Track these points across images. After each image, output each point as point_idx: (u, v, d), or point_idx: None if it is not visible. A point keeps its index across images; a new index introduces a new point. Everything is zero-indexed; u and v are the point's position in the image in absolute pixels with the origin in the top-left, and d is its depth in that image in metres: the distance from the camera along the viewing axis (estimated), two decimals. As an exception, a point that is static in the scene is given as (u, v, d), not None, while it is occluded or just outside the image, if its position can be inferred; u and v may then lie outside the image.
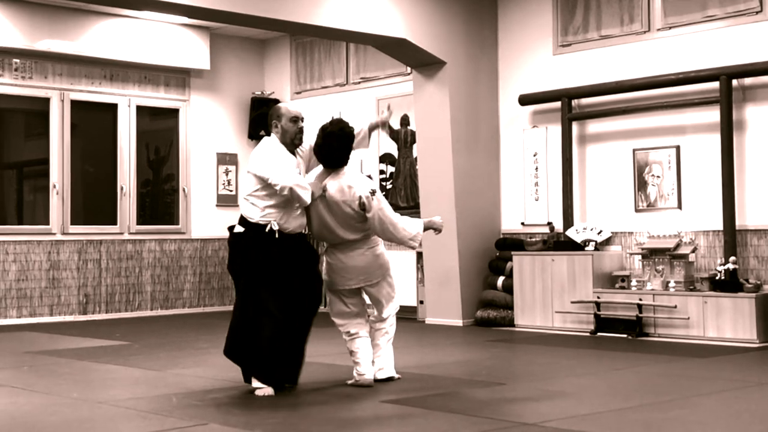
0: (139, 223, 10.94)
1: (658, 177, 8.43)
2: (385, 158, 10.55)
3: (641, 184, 8.53)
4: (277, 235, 5.21)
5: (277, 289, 5.23)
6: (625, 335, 8.02)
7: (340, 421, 4.57)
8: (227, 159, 11.71)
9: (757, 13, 7.87)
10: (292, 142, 5.40)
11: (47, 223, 10.29)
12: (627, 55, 8.67)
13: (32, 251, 10.15)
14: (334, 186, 5.41)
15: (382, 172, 10.57)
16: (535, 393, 5.30)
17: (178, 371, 6.26)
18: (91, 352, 7.36)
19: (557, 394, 5.26)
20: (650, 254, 8.11)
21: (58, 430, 4.39)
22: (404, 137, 10.41)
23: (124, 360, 6.86)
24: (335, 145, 5.43)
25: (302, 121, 5.43)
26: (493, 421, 4.47)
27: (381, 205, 5.42)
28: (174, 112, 11.34)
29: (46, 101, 10.33)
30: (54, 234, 10.31)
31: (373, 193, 5.40)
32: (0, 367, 6.63)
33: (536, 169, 9.31)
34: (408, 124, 10.34)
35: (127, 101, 10.88)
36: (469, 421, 4.45)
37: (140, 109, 11.01)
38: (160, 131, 11.42)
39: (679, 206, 8.29)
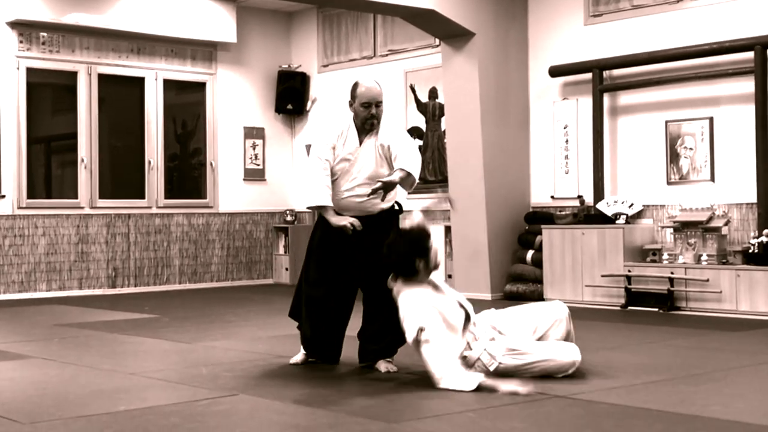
0: (167, 197, 10.96)
1: (691, 149, 8.31)
2: (413, 131, 10.47)
3: (673, 157, 8.42)
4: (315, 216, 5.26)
5: (314, 266, 5.24)
6: (656, 309, 7.94)
7: (371, 392, 4.55)
8: (254, 133, 11.69)
9: (793, -19, 7.71)
10: (362, 126, 5.17)
11: (76, 197, 10.33)
12: (659, 25, 8.53)
13: (61, 225, 10.19)
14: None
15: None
16: (566, 366, 5.24)
17: (208, 344, 6.27)
18: (121, 325, 7.39)
19: (588, 368, 5.20)
20: (682, 227, 8.01)
21: (90, 401, 4.40)
22: (432, 110, 10.33)
23: (153, 333, 6.88)
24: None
25: (376, 107, 5.08)
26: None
27: (423, 353, 4.60)
28: (201, 86, 11.32)
29: (73, 75, 10.33)
30: (82, 208, 10.35)
31: (421, 331, 4.58)
32: (31, 339, 6.67)
33: (566, 141, 9.21)
34: (436, 97, 10.25)
35: (154, 75, 10.87)
36: (501, 393, 4.41)
37: (167, 83, 10.99)
38: (187, 105, 11.41)
39: (712, 179, 8.17)
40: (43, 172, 10.50)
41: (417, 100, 10.46)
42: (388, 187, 4.91)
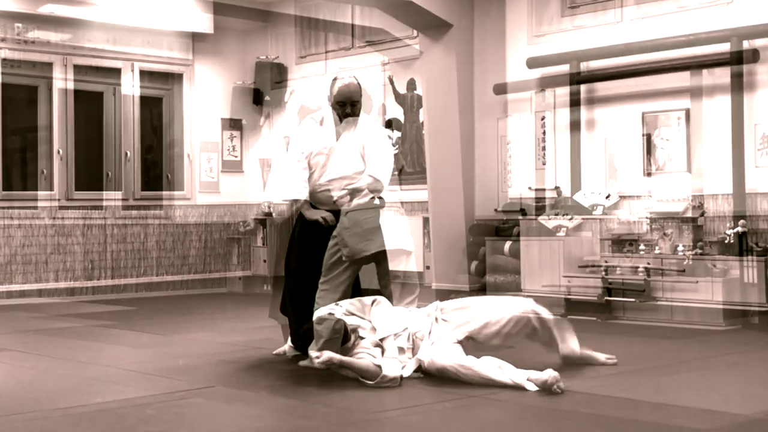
0: (143, 189, 10.89)
1: (668, 140, 8.34)
2: (391, 123, 10.46)
3: (650, 147, 8.45)
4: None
5: (295, 258, 5.30)
6: (632, 299, 7.98)
7: (347, 384, 4.55)
8: (231, 124, 11.64)
9: (769, -28, 7.75)
10: (338, 122, 5.27)
11: (52, 189, 10.25)
12: (637, 16, 8.53)
13: (37, 217, 10.11)
14: None
15: (388, 137, 10.48)
16: (543, 357, 5.26)
17: (184, 335, 6.26)
18: (98, 317, 7.36)
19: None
20: (659, 218, 8.04)
21: (65, 393, 4.38)
22: (410, 102, 10.32)
23: (130, 324, 6.86)
24: None
25: (351, 106, 5.19)
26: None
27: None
28: (178, 77, 11.25)
29: (49, 66, 10.24)
30: (59, 200, 10.27)
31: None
32: (6, 331, 6.63)
33: (544, 132, 9.22)
34: (414, 89, 10.24)
35: (131, 65, 10.79)
36: (480, 385, 4.42)
37: (144, 74, 10.92)
38: (163, 96, 11.33)
39: (689, 169, 8.21)
40: (18, 163, 10.41)
41: (395, 92, 10.44)
42: (352, 194, 5.07)
